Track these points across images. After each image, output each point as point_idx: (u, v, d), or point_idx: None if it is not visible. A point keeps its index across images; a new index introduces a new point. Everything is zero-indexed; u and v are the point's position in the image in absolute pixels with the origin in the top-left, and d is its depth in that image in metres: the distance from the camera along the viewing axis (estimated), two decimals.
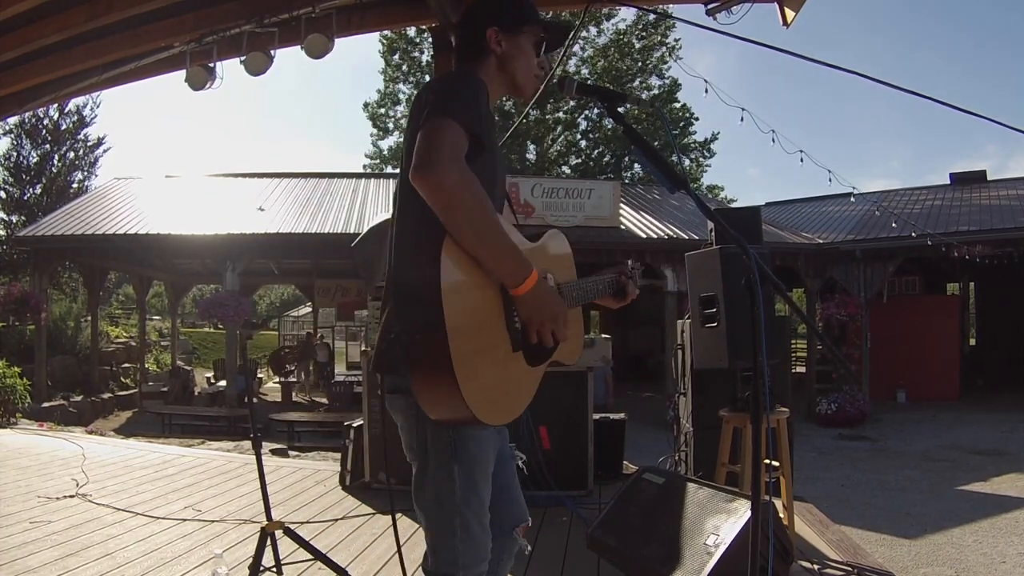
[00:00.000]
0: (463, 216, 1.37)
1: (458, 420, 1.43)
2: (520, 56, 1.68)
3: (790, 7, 4.01)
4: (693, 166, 26.13)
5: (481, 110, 1.50)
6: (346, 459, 4.72)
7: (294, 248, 13.25)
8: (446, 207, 1.36)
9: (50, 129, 21.50)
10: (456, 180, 1.36)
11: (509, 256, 1.43)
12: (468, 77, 1.58)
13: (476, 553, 1.56)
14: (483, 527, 1.57)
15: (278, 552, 2.57)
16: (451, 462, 1.52)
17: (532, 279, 1.44)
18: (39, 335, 11.89)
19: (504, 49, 1.66)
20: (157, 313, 29.42)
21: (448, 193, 1.35)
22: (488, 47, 1.66)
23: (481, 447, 1.55)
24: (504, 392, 1.47)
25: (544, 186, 13.35)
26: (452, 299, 1.34)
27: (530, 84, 1.73)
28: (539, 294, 1.46)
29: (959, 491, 7.48)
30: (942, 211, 14.78)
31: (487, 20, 1.67)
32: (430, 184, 1.36)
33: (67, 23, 4.31)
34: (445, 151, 1.37)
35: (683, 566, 2.47)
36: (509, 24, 1.66)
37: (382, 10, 4.68)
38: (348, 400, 12.87)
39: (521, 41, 1.68)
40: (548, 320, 1.48)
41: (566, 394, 4.29)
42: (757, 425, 1.38)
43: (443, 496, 1.54)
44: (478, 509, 1.56)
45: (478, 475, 1.55)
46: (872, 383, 13.02)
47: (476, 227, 1.38)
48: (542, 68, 1.74)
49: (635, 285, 1.93)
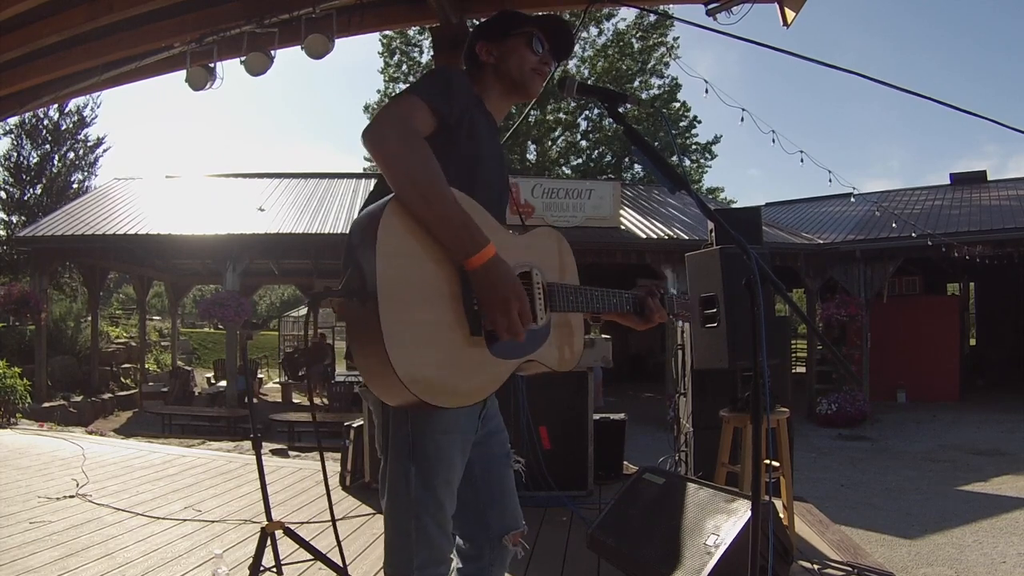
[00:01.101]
0: (404, 174, 1.33)
1: (407, 403, 1.33)
2: (511, 56, 1.71)
3: (790, 7, 4.01)
4: (693, 167, 26.12)
5: (452, 91, 1.53)
6: (346, 459, 4.72)
7: (294, 248, 13.25)
8: (388, 165, 1.34)
9: (50, 129, 21.50)
10: (396, 137, 1.36)
11: (459, 224, 1.33)
12: (444, 68, 1.67)
13: (431, 555, 1.52)
14: (441, 530, 1.54)
15: (278, 552, 2.57)
16: (407, 461, 1.49)
17: (486, 253, 1.34)
18: (39, 335, 11.89)
19: (495, 58, 1.72)
20: (157, 313, 29.40)
21: (390, 152, 1.34)
22: (481, 60, 1.74)
23: (440, 450, 1.49)
24: (454, 374, 1.34)
25: (544, 186, 13.34)
26: (389, 262, 1.26)
27: (529, 79, 1.73)
28: (493, 271, 1.35)
29: (959, 491, 7.48)
30: (942, 211, 14.78)
31: (476, 38, 1.76)
32: (372, 142, 1.36)
33: (67, 23, 4.31)
34: (392, 114, 1.40)
35: (683, 566, 2.47)
36: (494, 35, 1.74)
37: (382, 10, 4.69)
38: (348, 400, 12.87)
39: (509, 45, 1.72)
40: (500, 303, 1.35)
41: (566, 394, 4.29)
42: (757, 425, 1.38)
43: (399, 496, 1.52)
44: (436, 512, 1.52)
45: (436, 479, 1.50)
46: (872, 383, 13.01)
47: (420, 188, 1.32)
48: (544, 64, 1.74)
49: (669, 309, 1.84)
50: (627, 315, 1.78)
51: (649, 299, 1.78)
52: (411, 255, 1.31)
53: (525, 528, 1.74)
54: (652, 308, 1.77)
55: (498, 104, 1.75)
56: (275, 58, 4.76)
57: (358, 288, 1.26)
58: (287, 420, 10.42)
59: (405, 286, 1.28)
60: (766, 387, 1.39)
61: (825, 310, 12.77)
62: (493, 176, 1.66)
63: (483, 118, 1.64)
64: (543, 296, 1.57)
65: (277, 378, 19.72)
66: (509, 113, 1.95)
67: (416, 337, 1.27)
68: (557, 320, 1.62)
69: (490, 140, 1.66)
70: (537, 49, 1.72)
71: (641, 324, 1.81)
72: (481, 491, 1.66)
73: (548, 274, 1.61)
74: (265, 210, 13.65)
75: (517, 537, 1.71)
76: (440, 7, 4.23)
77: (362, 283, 1.25)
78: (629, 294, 1.78)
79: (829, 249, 13.36)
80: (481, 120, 1.62)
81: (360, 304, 1.26)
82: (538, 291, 1.56)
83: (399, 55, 25.24)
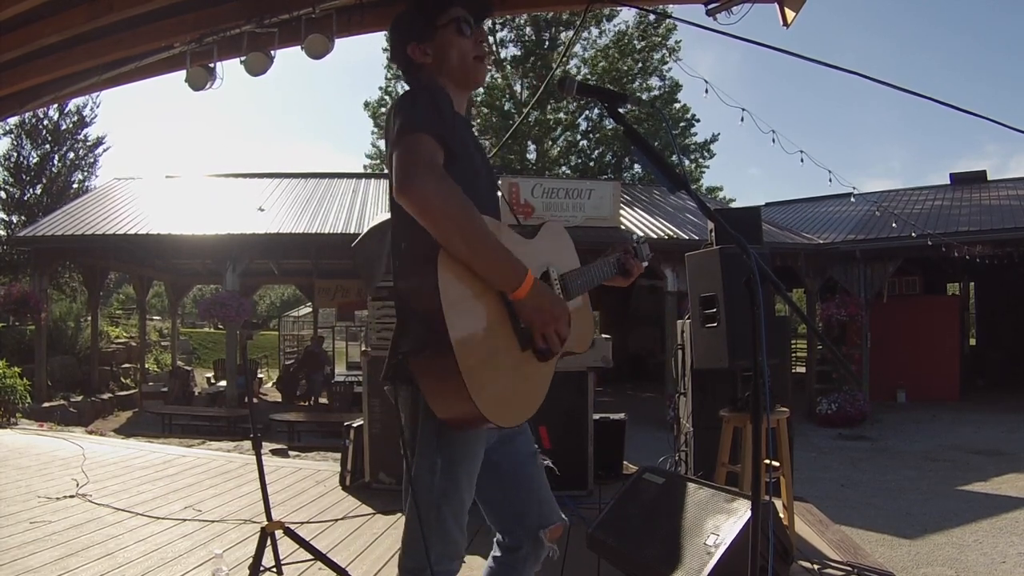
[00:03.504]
0: (452, 227, 1.38)
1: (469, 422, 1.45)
2: (449, 49, 1.65)
3: (790, 7, 4.01)
4: (693, 167, 26.12)
5: (444, 115, 1.50)
6: (346, 459, 4.72)
7: (294, 248, 13.25)
8: (434, 221, 1.38)
9: (50, 129, 21.49)
10: (437, 193, 1.37)
11: (502, 262, 1.43)
12: (423, 88, 1.58)
13: (446, 549, 1.55)
14: (458, 524, 1.56)
15: (278, 552, 2.57)
16: (435, 455, 1.53)
17: (528, 282, 1.45)
18: (39, 335, 11.88)
19: (432, 55, 1.66)
20: (157, 313, 29.42)
21: (432, 207, 1.37)
22: (416, 63, 1.67)
23: (467, 444, 1.55)
24: (516, 393, 1.48)
25: (544, 186, 13.34)
26: (455, 314, 1.35)
27: (473, 68, 1.68)
28: (536, 296, 1.47)
29: (959, 491, 7.48)
30: (942, 211, 14.78)
31: (403, 40, 1.68)
32: (414, 202, 1.38)
33: (67, 23, 4.30)
34: (421, 166, 1.39)
35: (683, 566, 2.47)
36: (421, 32, 1.66)
37: (382, 10, 4.68)
38: (348, 400, 12.87)
39: (440, 39, 1.65)
40: (550, 322, 1.50)
41: (566, 394, 4.28)
42: (757, 425, 1.38)
43: (423, 488, 1.54)
44: (456, 507, 1.55)
45: (461, 472, 1.54)
46: (872, 383, 13.01)
47: (466, 236, 1.39)
48: (480, 43, 1.69)
49: (642, 257, 1.96)
50: (613, 277, 1.91)
51: (625, 258, 1.91)
52: (467, 298, 1.41)
53: (565, 521, 1.77)
54: (631, 265, 1.91)
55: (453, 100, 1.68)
56: (275, 58, 4.76)
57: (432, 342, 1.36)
58: (287, 420, 10.44)
59: (470, 328, 1.39)
60: (766, 387, 1.39)
61: (825, 310, 12.77)
62: (486, 172, 1.71)
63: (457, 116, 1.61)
64: (561, 290, 1.69)
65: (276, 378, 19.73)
66: (509, 113, 1.95)
67: (488, 372, 1.40)
68: (572, 306, 1.69)
69: (467, 133, 1.66)
70: (467, 32, 1.66)
71: (624, 281, 1.95)
72: (515, 488, 1.70)
73: (560, 267, 1.72)
74: (265, 210, 13.64)
75: (558, 531, 1.75)
76: None
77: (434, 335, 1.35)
78: (613, 257, 1.90)
79: (829, 249, 13.36)
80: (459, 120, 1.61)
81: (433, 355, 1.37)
82: (557, 287, 1.67)
83: None
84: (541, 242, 1.70)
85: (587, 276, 1.78)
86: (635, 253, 1.94)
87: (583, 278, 1.76)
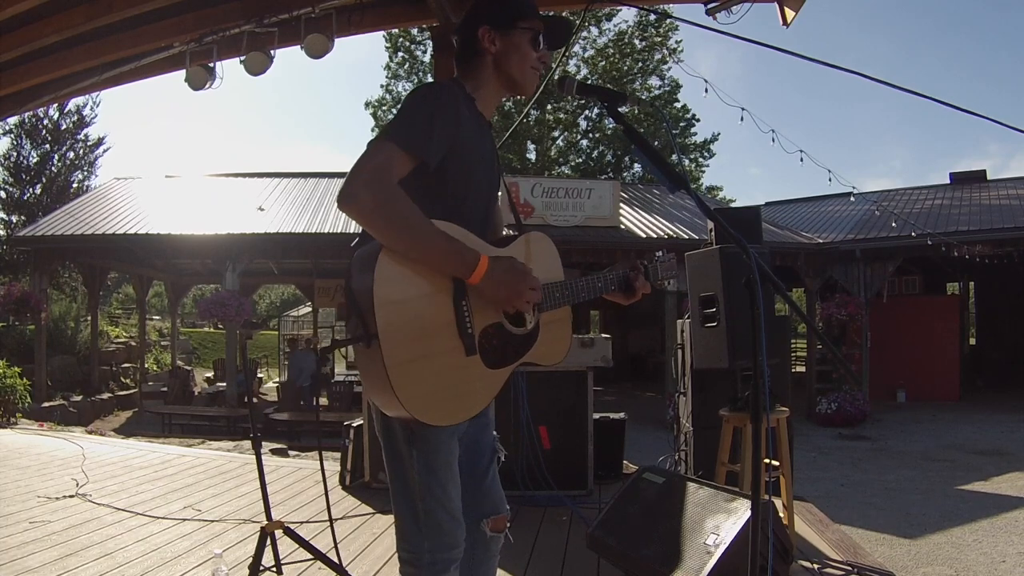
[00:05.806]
0: (390, 233, 1.40)
1: (404, 420, 1.48)
2: (514, 52, 1.65)
3: (790, 7, 4.01)
4: (693, 166, 26.13)
5: (435, 129, 1.48)
6: (346, 459, 4.72)
7: (294, 248, 13.25)
8: (364, 220, 1.41)
9: (50, 129, 21.52)
10: (371, 204, 1.39)
11: (449, 253, 1.44)
12: (432, 93, 1.56)
13: (441, 538, 1.57)
14: (448, 513, 1.58)
15: (278, 552, 2.57)
16: (409, 447, 1.56)
17: (483, 265, 1.45)
18: (39, 335, 11.89)
19: (498, 48, 1.65)
20: (157, 313, 29.42)
21: (368, 217, 1.40)
22: (481, 47, 1.65)
23: (436, 434, 1.55)
24: (451, 396, 1.47)
25: (544, 186, 13.34)
26: (387, 310, 1.37)
27: (528, 80, 1.69)
28: (495, 274, 1.47)
29: (959, 491, 7.48)
30: (942, 211, 14.78)
31: (479, 20, 1.66)
32: (351, 213, 1.41)
33: (67, 23, 4.31)
34: (363, 176, 1.41)
35: (683, 566, 2.47)
36: (501, 22, 1.65)
37: (382, 10, 4.68)
38: (348, 400, 12.87)
39: (515, 37, 1.65)
40: (513, 297, 1.50)
41: (566, 394, 4.29)
42: (757, 425, 1.38)
43: (404, 480, 1.58)
44: (440, 495, 1.56)
45: (437, 461, 1.56)
46: (872, 383, 13.02)
47: (406, 238, 1.41)
48: (542, 62, 1.70)
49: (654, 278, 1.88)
50: (612, 293, 1.84)
51: (632, 275, 1.83)
52: (407, 297, 1.42)
53: (508, 512, 1.78)
54: (637, 284, 1.83)
55: (492, 99, 1.70)
56: (275, 58, 4.77)
57: (363, 335, 1.39)
58: (287, 420, 10.43)
59: (403, 327, 1.40)
60: (766, 386, 1.39)
61: (825, 310, 12.78)
62: (488, 174, 1.69)
63: (472, 122, 1.60)
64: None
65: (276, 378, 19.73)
66: (509, 113, 1.94)
67: (417, 370, 1.41)
68: (546, 319, 1.66)
69: (480, 142, 1.64)
70: (539, 47, 1.68)
71: (625, 300, 1.87)
72: (467, 479, 1.70)
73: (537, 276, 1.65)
74: (265, 210, 13.65)
75: (502, 521, 1.76)
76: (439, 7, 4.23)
77: (365, 330, 1.38)
78: (613, 274, 1.82)
79: (829, 249, 13.36)
80: (469, 127, 1.58)
81: (366, 348, 1.39)
82: None
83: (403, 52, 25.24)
84: (515, 250, 1.65)
85: (569, 290, 1.69)
86: (646, 272, 1.85)
87: (563, 292, 1.68)
